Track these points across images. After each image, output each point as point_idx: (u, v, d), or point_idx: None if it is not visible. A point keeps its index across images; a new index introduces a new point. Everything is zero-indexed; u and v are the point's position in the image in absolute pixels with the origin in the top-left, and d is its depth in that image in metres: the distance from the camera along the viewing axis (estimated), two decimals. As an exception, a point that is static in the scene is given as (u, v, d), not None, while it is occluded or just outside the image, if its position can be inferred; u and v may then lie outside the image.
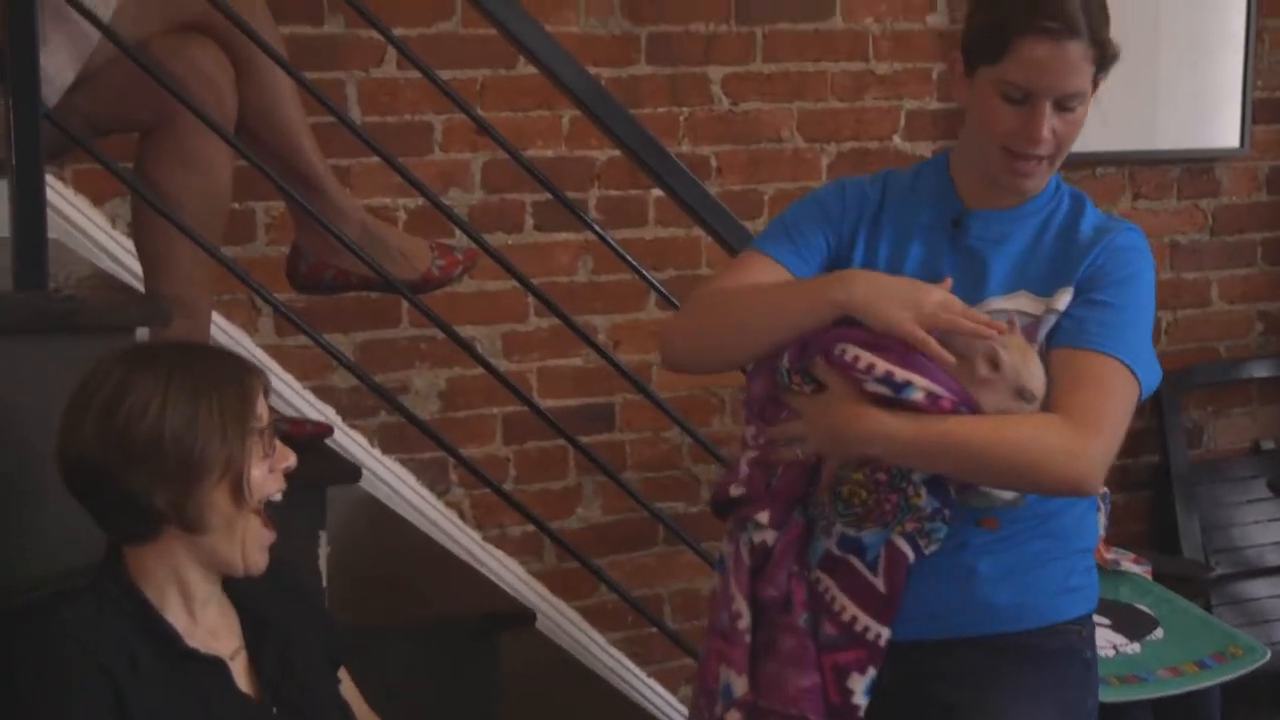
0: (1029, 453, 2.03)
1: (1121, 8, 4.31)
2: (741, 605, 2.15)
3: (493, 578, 3.73)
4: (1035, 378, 2.06)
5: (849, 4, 4.08)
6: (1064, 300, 2.13)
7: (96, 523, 1.95)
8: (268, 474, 1.96)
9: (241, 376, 1.94)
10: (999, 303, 2.16)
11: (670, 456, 4.05)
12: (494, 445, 3.86)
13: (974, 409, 2.04)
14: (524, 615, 2.97)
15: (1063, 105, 2.11)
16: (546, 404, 3.81)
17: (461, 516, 3.81)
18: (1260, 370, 4.68)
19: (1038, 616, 2.21)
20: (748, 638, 2.15)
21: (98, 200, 3.35)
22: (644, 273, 3.11)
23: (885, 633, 2.11)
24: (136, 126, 2.60)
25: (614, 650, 3.99)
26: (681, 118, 3.95)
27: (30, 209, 2.36)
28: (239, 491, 1.91)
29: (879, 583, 2.11)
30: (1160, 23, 4.41)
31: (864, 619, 2.11)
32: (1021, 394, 2.05)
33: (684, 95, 3.94)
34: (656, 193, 3.69)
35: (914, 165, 2.34)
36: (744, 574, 2.16)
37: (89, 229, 3.32)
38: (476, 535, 3.82)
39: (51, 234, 2.50)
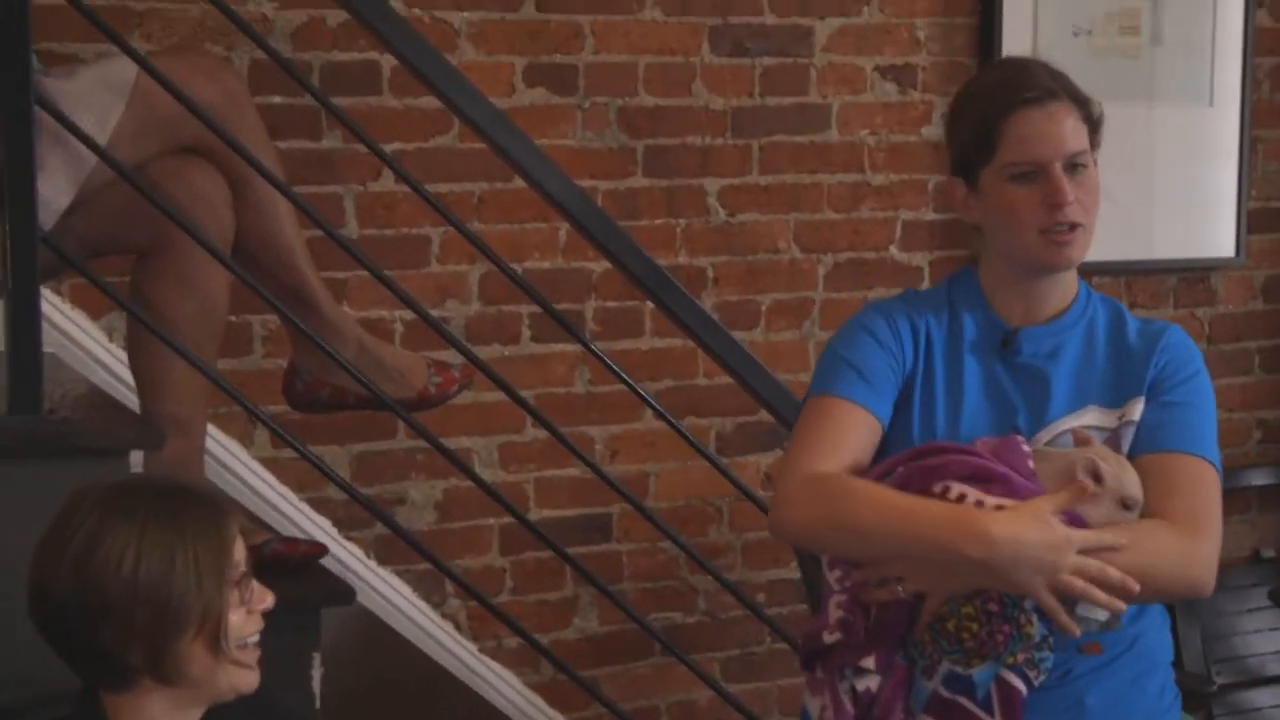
0: (1153, 567, 2.02)
1: (1117, 118, 4.37)
2: None
3: (489, 692, 3.71)
4: (1135, 485, 2.08)
5: (845, 116, 4.11)
6: (1137, 409, 2.15)
7: (71, 670, 1.93)
8: (245, 617, 1.94)
9: (218, 522, 1.91)
10: (1069, 421, 2.16)
11: (668, 567, 4.04)
12: (490, 556, 3.86)
13: (1083, 525, 2.02)
14: (518, 735, 2.96)
15: (1072, 166, 2.13)
16: (543, 514, 3.83)
17: (458, 628, 3.80)
18: (1259, 478, 4.67)
19: None
20: None
21: (94, 315, 3.36)
22: (636, 387, 3.12)
23: None
24: (133, 249, 2.62)
25: (611, 763, 3.97)
26: (678, 229, 3.98)
27: (25, 333, 2.37)
28: (216, 643, 1.89)
29: None
30: (1155, 133, 4.45)
31: None
32: (1125, 503, 2.06)
33: (680, 207, 3.97)
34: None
35: (941, 282, 2.32)
36: None
37: (85, 343, 3.33)
38: (473, 647, 3.80)
39: (48, 348, 2.52)
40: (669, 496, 4.01)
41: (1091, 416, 2.16)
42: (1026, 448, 2.10)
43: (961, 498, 2.02)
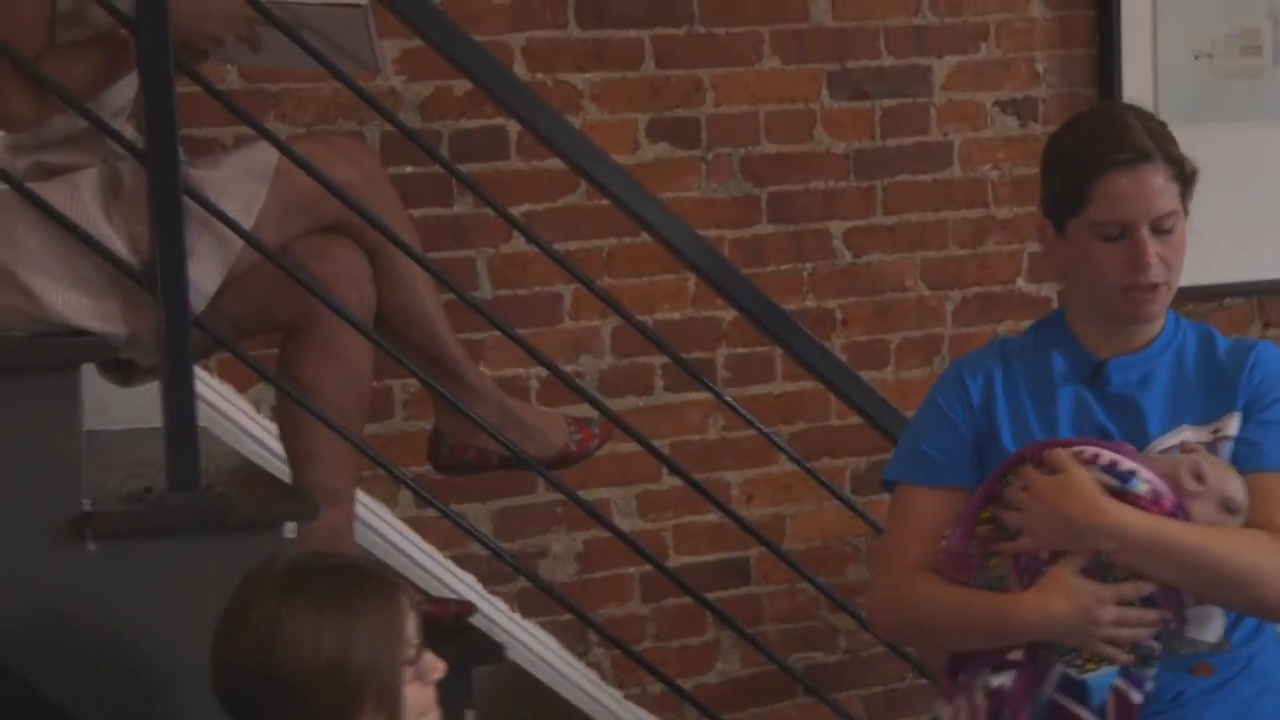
0: (1257, 571, 2.06)
1: (1242, 140, 4.35)
2: None
3: (636, 741, 3.76)
4: (1239, 489, 2.11)
5: (966, 152, 4.13)
6: (1232, 426, 2.17)
7: None
8: (420, 690, 1.99)
9: (391, 600, 1.96)
10: (1166, 440, 2.19)
11: (807, 607, 4.07)
12: (633, 604, 3.91)
13: (1188, 517, 2.07)
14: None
15: (1159, 228, 2.16)
16: (683, 560, 3.87)
17: (603, 676, 3.85)
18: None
19: None
20: None
21: (241, 387, 3.46)
22: (767, 433, 3.18)
23: None
24: (280, 326, 2.70)
25: (760, 803, 4.00)
26: (805, 273, 4.01)
27: (181, 413, 2.46)
28: (394, 718, 1.96)
29: None
30: (1282, 153, 4.42)
31: None
32: (1228, 506, 2.09)
33: (806, 251, 4.01)
34: (783, 348, 3.75)
35: (1030, 326, 2.37)
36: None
37: (234, 415, 3.43)
38: (618, 695, 3.85)
39: (200, 422, 2.60)
40: (806, 538, 4.04)
41: (1185, 435, 2.18)
42: (1131, 447, 2.14)
43: (1095, 457, 2.08)
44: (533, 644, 3.73)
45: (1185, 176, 2.19)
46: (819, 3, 3.95)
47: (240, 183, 2.57)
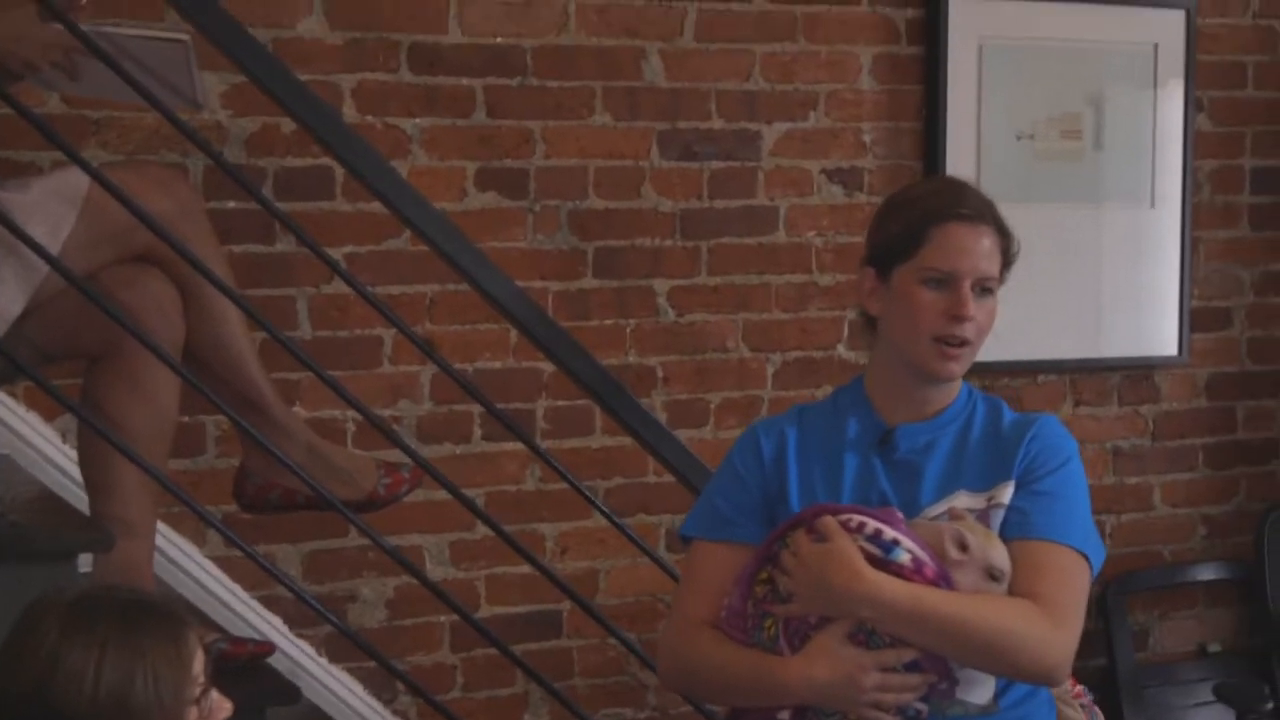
0: (1011, 637, 2.10)
1: (1061, 220, 4.46)
2: None
3: (438, 789, 3.73)
4: (1001, 558, 2.15)
5: (792, 218, 4.20)
6: (1006, 494, 2.21)
7: None
8: None
9: (178, 637, 1.91)
10: (938, 507, 2.23)
11: (617, 662, 4.08)
12: (441, 653, 3.89)
13: (951, 585, 2.11)
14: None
15: (981, 288, 2.23)
16: (494, 611, 3.86)
17: (408, 725, 3.83)
18: (1205, 574, 4.73)
19: None
20: None
21: (48, 416, 3.40)
22: (580, 488, 3.18)
23: None
24: (86, 354, 2.67)
25: None
26: (628, 329, 4.05)
27: (-25, 439, 2.42)
28: None
29: None
30: (1099, 234, 4.54)
31: None
32: (991, 573, 2.13)
33: (630, 307, 4.04)
34: (603, 402, 3.76)
35: (831, 393, 2.42)
36: None
37: (39, 444, 3.37)
38: (424, 744, 3.83)
39: (2, 449, 2.55)
40: (619, 593, 4.05)
41: (960, 500, 2.24)
42: (900, 515, 2.19)
43: (861, 526, 2.12)
44: (338, 689, 3.70)
45: (1009, 253, 2.28)
46: (652, 62, 4.01)
47: (48, 207, 2.55)
